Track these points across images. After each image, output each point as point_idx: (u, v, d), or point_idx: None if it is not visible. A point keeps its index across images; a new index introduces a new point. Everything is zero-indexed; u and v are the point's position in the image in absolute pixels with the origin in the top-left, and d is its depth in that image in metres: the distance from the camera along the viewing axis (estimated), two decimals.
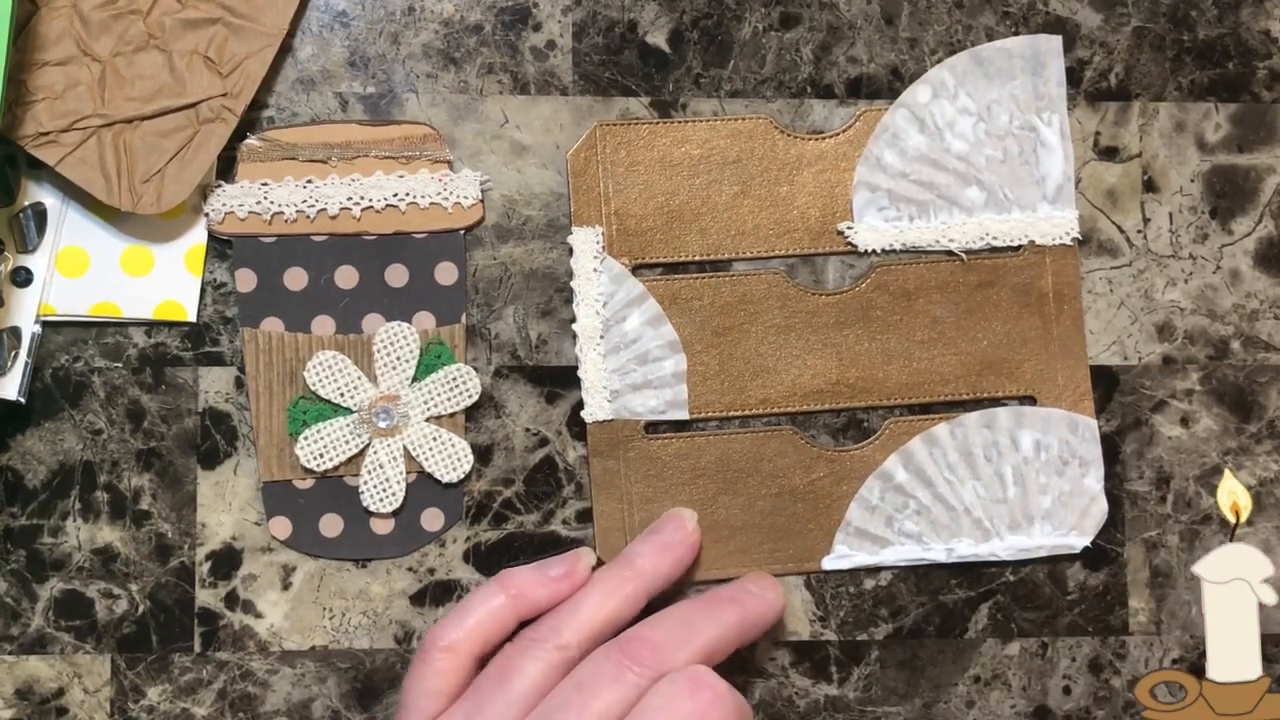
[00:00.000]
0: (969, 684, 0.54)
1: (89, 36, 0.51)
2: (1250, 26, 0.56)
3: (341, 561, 0.53)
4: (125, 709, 0.52)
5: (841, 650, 0.54)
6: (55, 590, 0.52)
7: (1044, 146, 0.55)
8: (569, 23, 0.54)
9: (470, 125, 0.54)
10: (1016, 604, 0.54)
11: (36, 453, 0.52)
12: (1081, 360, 0.55)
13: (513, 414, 0.54)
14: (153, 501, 0.53)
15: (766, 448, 0.54)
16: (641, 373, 0.53)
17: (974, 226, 0.54)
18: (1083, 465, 0.54)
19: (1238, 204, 0.56)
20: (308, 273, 0.53)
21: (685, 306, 0.54)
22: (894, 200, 0.54)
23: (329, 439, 0.52)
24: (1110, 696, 0.54)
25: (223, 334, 0.53)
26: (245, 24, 0.52)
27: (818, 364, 0.54)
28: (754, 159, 0.54)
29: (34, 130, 0.50)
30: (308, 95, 0.54)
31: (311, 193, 0.53)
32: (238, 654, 0.52)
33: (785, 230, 0.54)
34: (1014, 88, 0.55)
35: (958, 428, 0.54)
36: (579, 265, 0.53)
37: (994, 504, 0.54)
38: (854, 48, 0.55)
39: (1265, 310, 0.56)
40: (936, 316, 0.54)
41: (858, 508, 0.54)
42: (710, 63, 0.55)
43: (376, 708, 0.53)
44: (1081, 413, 0.54)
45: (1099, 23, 0.56)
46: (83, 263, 0.52)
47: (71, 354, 0.53)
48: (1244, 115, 0.56)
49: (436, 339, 0.53)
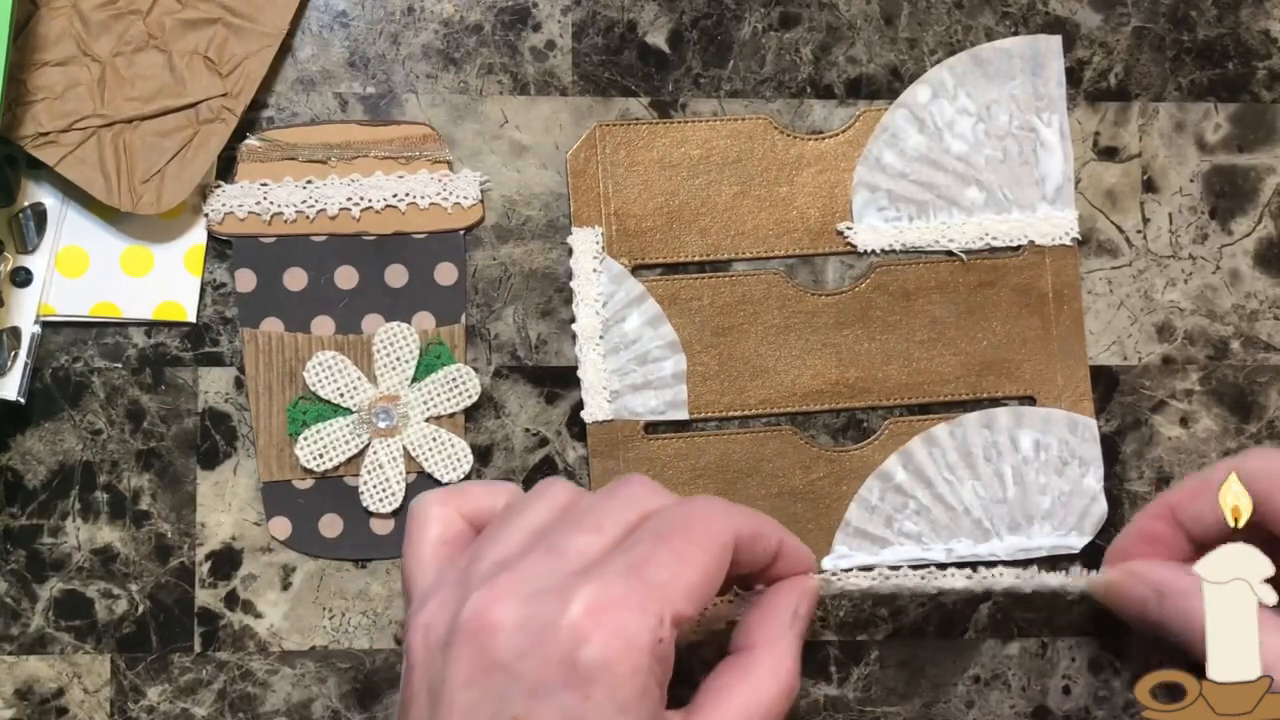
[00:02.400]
0: (969, 684, 0.54)
1: (89, 36, 0.51)
2: (1250, 26, 0.56)
3: (341, 561, 0.53)
4: (125, 709, 0.52)
5: (841, 650, 0.54)
6: (55, 590, 0.52)
7: (1043, 147, 0.55)
8: (569, 23, 0.54)
9: (470, 125, 0.54)
10: (1016, 604, 0.54)
11: (36, 453, 0.52)
12: (1081, 360, 0.55)
13: (512, 414, 0.54)
14: (152, 502, 0.53)
15: (766, 448, 0.54)
16: (641, 373, 0.53)
17: (973, 227, 0.54)
18: (1082, 465, 0.54)
19: (1237, 204, 0.56)
20: (307, 273, 0.53)
21: (685, 307, 0.54)
22: (893, 200, 0.54)
23: (329, 439, 0.52)
24: (1110, 696, 0.54)
25: (222, 334, 0.53)
26: (245, 24, 0.52)
27: (817, 364, 0.54)
28: (753, 159, 0.54)
29: (34, 130, 0.50)
30: (308, 95, 0.54)
31: (311, 193, 0.53)
32: (237, 654, 0.52)
33: (785, 230, 0.54)
34: (1013, 88, 0.55)
35: (957, 428, 0.54)
36: (578, 266, 0.53)
37: (994, 504, 0.54)
38: (854, 48, 0.55)
39: (1265, 310, 0.56)
40: (936, 317, 0.54)
41: (857, 508, 0.54)
42: (710, 63, 0.55)
43: (376, 708, 0.53)
44: (1081, 413, 0.54)
45: (1099, 23, 0.56)
46: (83, 263, 0.52)
47: (71, 354, 0.53)
48: (1244, 115, 0.56)
49: (436, 339, 0.53)
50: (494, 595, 0.41)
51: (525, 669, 0.40)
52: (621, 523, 0.43)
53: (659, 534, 0.42)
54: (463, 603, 0.41)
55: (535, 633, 0.40)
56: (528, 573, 0.41)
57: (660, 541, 0.42)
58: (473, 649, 0.40)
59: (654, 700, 0.41)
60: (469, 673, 0.40)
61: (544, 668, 0.40)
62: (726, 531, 0.43)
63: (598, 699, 0.39)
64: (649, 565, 0.41)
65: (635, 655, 0.40)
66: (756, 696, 0.44)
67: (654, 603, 0.41)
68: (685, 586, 0.41)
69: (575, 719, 0.39)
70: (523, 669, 0.40)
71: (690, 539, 0.42)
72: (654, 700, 0.41)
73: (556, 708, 0.39)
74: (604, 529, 0.43)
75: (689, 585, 0.42)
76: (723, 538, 0.43)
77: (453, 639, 0.41)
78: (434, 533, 0.45)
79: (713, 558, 0.42)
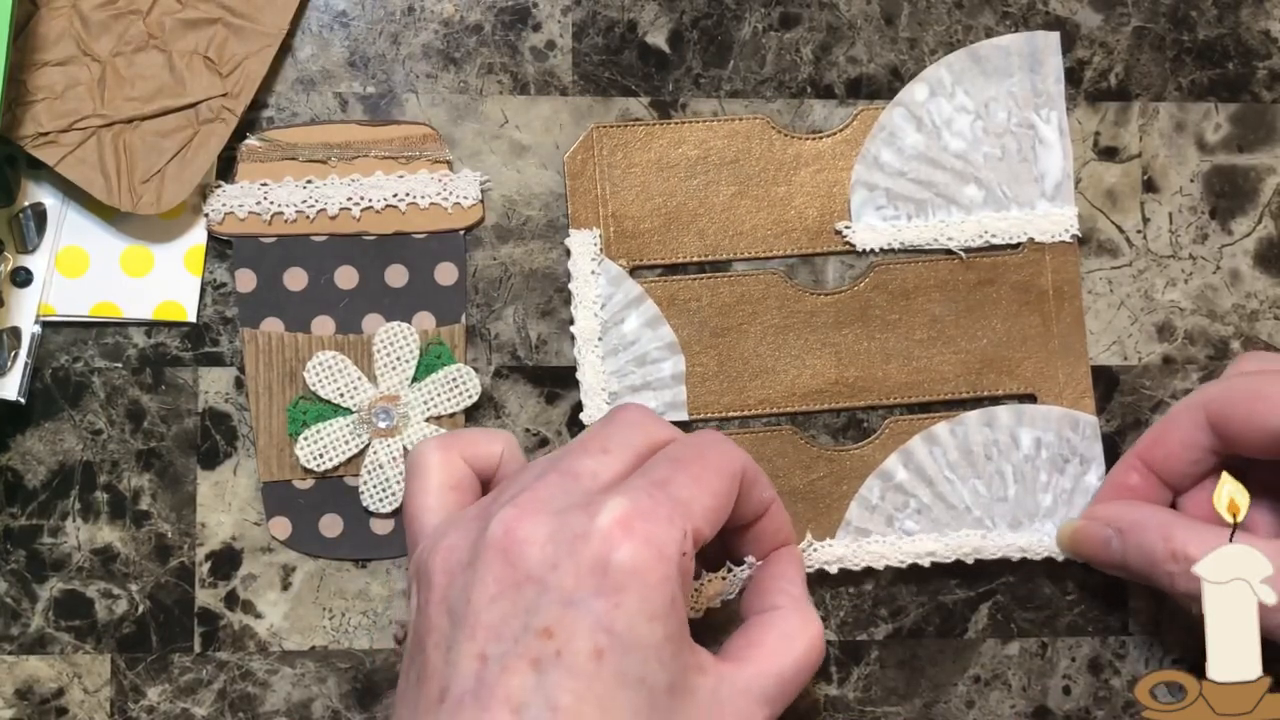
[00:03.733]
0: (969, 684, 0.54)
1: (89, 36, 0.51)
2: (1250, 26, 0.56)
3: (341, 561, 0.53)
4: (125, 709, 0.52)
5: (841, 650, 0.54)
6: (55, 590, 0.52)
7: (1042, 144, 0.55)
8: (569, 23, 0.54)
9: (470, 125, 0.54)
10: (1016, 604, 0.54)
11: (36, 453, 0.53)
12: (1082, 358, 0.55)
13: (513, 414, 0.54)
14: (152, 502, 0.53)
15: (766, 448, 0.54)
16: (640, 374, 0.53)
17: (973, 225, 0.54)
18: (1084, 463, 0.54)
19: (1237, 204, 0.56)
20: (308, 273, 0.53)
21: (683, 308, 0.54)
22: (892, 199, 0.54)
23: (329, 439, 0.52)
24: (1110, 696, 0.54)
25: (223, 334, 0.53)
26: (245, 24, 0.52)
27: (817, 364, 0.54)
28: (751, 159, 0.54)
29: (34, 130, 0.50)
30: (308, 95, 0.54)
31: (311, 193, 0.53)
32: (238, 654, 0.52)
33: (783, 230, 0.54)
34: (1012, 85, 0.55)
35: (958, 426, 0.54)
36: (577, 268, 0.53)
37: (995, 502, 0.54)
38: (854, 48, 0.55)
39: (1265, 310, 0.56)
40: (936, 315, 0.54)
41: (858, 507, 0.54)
42: (710, 63, 0.55)
43: (376, 708, 0.53)
44: (1082, 410, 0.54)
45: (1099, 23, 0.56)
46: (83, 263, 0.53)
47: (71, 354, 0.53)
48: (1244, 115, 0.56)
49: (436, 339, 0.53)
50: (520, 512, 0.42)
51: (556, 579, 0.40)
52: (628, 444, 0.44)
53: (676, 460, 0.44)
54: (485, 526, 0.42)
55: (566, 543, 0.41)
56: (548, 493, 0.42)
57: (679, 467, 0.43)
58: (501, 563, 0.41)
59: (680, 612, 0.41)
60: (497, 587, 0.41)
61: (576, 577, 0.40)
62: (737, 463, 0.45)
63: (629, 606, 0.40)
64: (671, 484, 0.42)
65: (664, 565, 0.41)
66: (791, 648, 0.45)
67: (679, 516, 0.42)
68: (703, 508, 0.43)
69: (606, 626, 0.40)
70: (554, 579, 0.40)
71: (706, 465, 0.44)
72: (680, 612, 0.41)
73: (589, 616, 0.40)
74: (610, 450, 0.44)
75: (707, 507, 0.43)
76: (734, 467, 0.45)
77: (478, 558, 0.41)
78: (438, 477, 0.46)
79: (726, 485, 0.44)
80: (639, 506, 0.41)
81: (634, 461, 0.44)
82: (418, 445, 0.47)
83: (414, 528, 0.46)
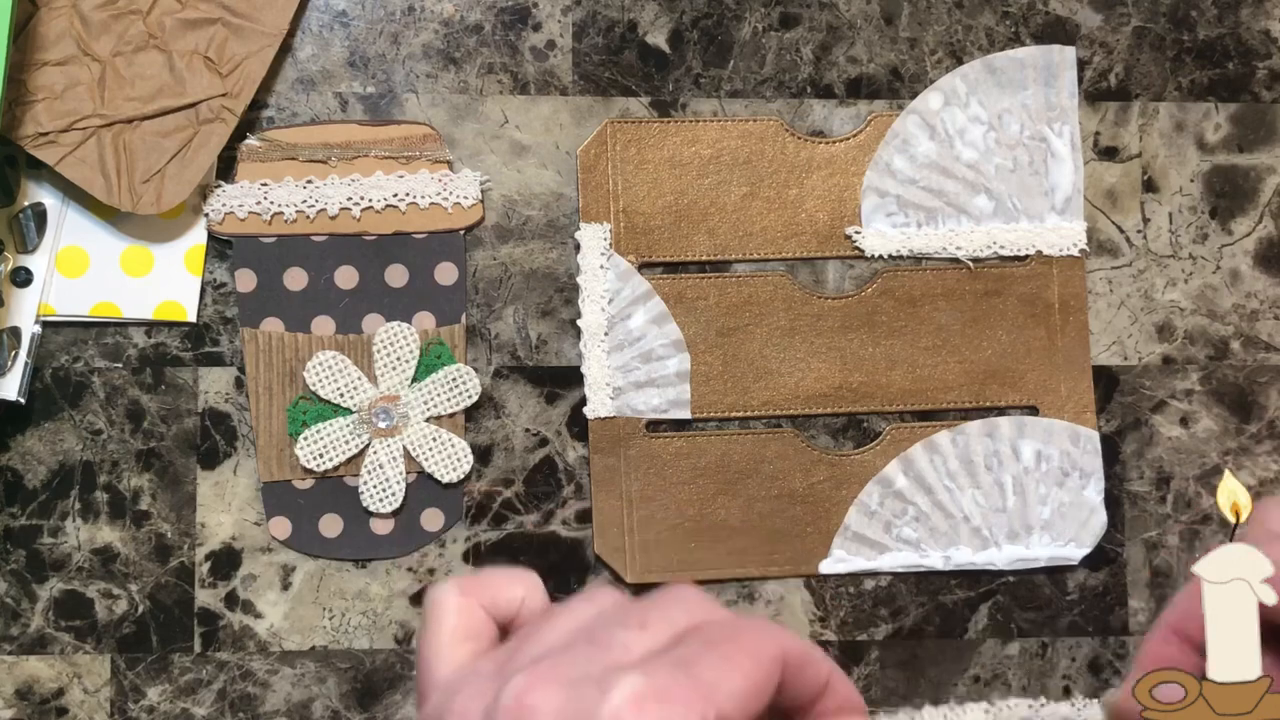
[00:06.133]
0: (969, 684, 0.54)
1: (89, 36, 0.51)
2: (1250, 26, 0.56)
3: (341, 561, 0.53)
4: (125, 709, 0.52)
5: (841, 650, 0.54)
6: (55, 590, 0.52)
7: (1054, 157, 0.55)
8: (569, 23, 0.54)
9: (470, 125, 0.54)
10: (1016, 604, 0.54)
11: (36, 453, 0.52)
12: (1085, 372, 0.55)
13: (512, 414, 0.54)
14: (152, 501, 0.53)
15: (767, 449, 0.54)
16: (645, 371, 0.53)
17: (982, 235, 0.54)
18: (1083, 477, 0.54)
19: (1237, 204, 0.56)
20: (308, 273, 0.53)
21: (690, 306, 0.54)
22: (902, 206, 0.54)
23: (329, 439, 0.52)
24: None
25: (223, 334, 0.53)
26: (245, 24, 0.52)
27: (821, 367, 0.54)
28: (764, 161, 0.54)
29: (34, 130, 0.50)
30: (308, 95, 0.54)
31: (311, 193, 0.53)
32: (238, 654, 0.52)
33: (793, 233, 0.54)
34: (1026, 97, 0.55)
35: (959, 435, 0.54)
36: (586, 261, 0.53)
37: (993, 513, 0.54)
38: (854, 48, 0.55)
39: (1265, 310, 0.56)
40: (941, 324, 0.54)
41: (857, 512, 0.54)
42: (710, 63, 0.55)
43: (376, 708, 0.53)
44: (1084, 424, 0.54)
45: (1099, 23, 0.56)
46: (83, 263, 0.52)
47: (71, 354, 0.53)
48: (1244, 115, 0.56)
49: (436, 339, 0.53)
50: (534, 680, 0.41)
51: None
52: (669, 622, 0.43)
53: (708, 640, 0.42)
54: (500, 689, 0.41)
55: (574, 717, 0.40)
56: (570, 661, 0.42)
57: (710, 646, 0.42)
58: None
59: None
60: None
61: None
62: (776, 647, 0.43)
63: None
64: (697, 665, 0.41)
65: None
66: None
67: (699, 700, 0.40)
68: (732, 690, 0.41)
69: None
70: None
71: (740, 647, 0.42)
72: None
73: None
74: (649, 626, 0.43)
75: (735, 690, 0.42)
76: (773, 651, 0.43)
77: None
78: (452, 623, 0.46)
79: (762, 669, 0.43)
80: (655, 685, 0.40)
81: (670, 640, 0.43)
82: (437, 586, 0.46)
83: (426, 674, 0.46)
